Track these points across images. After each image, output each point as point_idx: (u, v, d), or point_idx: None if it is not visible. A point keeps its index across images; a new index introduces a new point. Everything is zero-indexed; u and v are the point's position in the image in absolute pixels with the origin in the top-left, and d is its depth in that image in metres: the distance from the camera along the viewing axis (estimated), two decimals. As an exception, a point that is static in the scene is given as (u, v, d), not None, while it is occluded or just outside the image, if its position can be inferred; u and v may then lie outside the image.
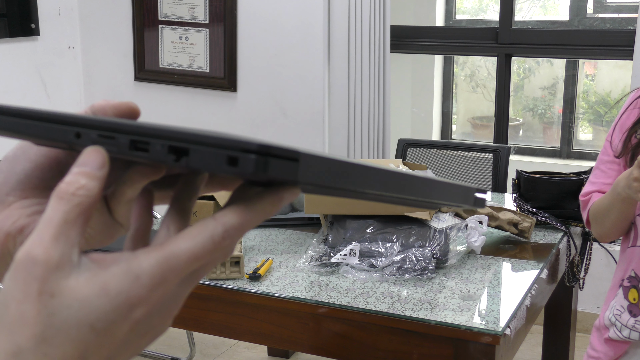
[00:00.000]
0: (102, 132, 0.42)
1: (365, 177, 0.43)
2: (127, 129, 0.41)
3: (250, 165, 0.37)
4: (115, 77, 4.10)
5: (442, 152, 3.36)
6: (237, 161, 0.37)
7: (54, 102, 4.05)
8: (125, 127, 0.42)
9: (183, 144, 0.39)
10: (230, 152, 0.38)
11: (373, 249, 1.95)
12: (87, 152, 0.42)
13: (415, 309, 1.72)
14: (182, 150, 0.39)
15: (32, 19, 3.85)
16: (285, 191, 0.42)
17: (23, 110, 0.46)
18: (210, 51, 3.77)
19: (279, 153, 0.38)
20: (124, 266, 0.40)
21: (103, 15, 4.07)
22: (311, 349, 1.92)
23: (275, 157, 0.38)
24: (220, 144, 0.38)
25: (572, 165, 4.34)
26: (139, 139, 0.40)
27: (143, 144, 0.40)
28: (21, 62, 3.86)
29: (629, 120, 1.74)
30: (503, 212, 2.23)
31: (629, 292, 1.74)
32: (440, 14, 4.64)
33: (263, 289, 1.85)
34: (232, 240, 0.42)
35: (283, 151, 0.38)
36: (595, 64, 4.61)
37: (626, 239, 1.79)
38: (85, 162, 0.42)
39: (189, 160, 0.39)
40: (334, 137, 3.56)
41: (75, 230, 0.40)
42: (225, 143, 0.38)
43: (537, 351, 3.01)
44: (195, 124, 3.93)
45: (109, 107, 0.49)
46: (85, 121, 0.43)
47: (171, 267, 0.41)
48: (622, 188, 1.62)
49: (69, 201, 0.40)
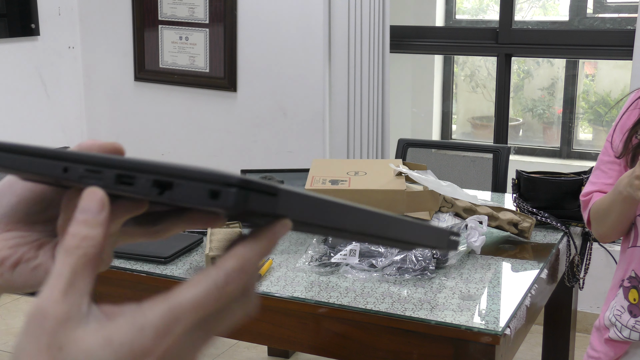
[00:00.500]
0: (89, 167, 0.43)
1: (343, 215, 0.44)
2: (113, 164, 0.43)
3: (231, 198, 0.39)
4: (115, 77, 4.10)
5: (442, 152, 3.36)
6: (219, 194, 0.39)
7: (54, 102, 4.05)
8: (111, 162, 0.43)
9: (167, 177, 0.40)
10: (212, 186, 0.39)
11: (373, 249, 1.95)
12: (86, 196, 0.43)
13: (415, 309, 1.72)
14: (166, 184, 0.40)
15: (32, 19, 3.85)
16: (276, 226, 0.43)
17: (11, 145, 0.47)
18: (210, 51, 3.77)
19: (258, 188, 0.39)
20: (129, 318, 0.41)
21: (103, 15, 4.07)
22: (311, 349, 1.92)
23: (255, 191, 0.39)
24: (203, 178, 0.39)
25: (572, 165, 4.34)
26: (124, 173, 0.42)
27: (128, 178, 0.42)
28: (21, 62, 3.86)
29: (629, 121, 1.74)
30: (503, 212, 2.23)
31: (629, 292, 1.74)
32: (440, 14, 4.64)
33: (263, 289, 1.85)
34: (235, 284, 0.43)
35: (262, 186, 0.39)
36: (595, 64, 4.61)
37: (626, 239, 1.79)
38: (85, 207, 0.43)
39: (172, 194, 0.40)
40: (334, 137, 3.56)
41: (84, 280, 0.41)
42: (207, 177, 0.39)
43: (537, 351, 3.01)
44: (195, 124, 3.93)
45: (96, 146, 0.51)
46: (73, 156, 0.44)
47: (175, 317, 0.41)
48: (623, 187, 1.62)
49: (74, 254, 0.42)
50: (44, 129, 4.01)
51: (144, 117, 4.08)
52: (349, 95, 3.48)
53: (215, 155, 3.91)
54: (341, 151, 3.53)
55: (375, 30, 3.46)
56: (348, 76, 3.46)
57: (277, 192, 0.40)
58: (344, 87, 3.48)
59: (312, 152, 3.63)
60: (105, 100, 4.17)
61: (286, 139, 3.72)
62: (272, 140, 3.75)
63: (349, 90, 3.48)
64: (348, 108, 3.49)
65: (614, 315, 1.77)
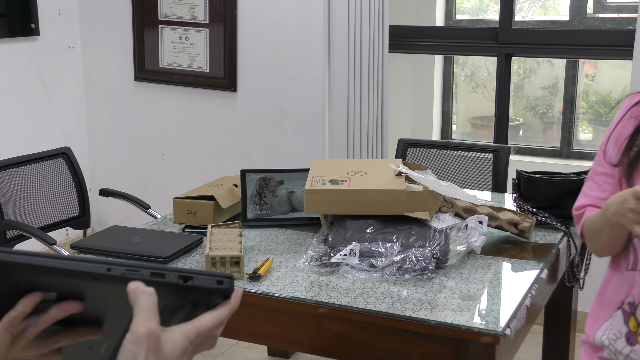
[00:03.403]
0: (130, 267, 0.72)
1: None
2: (146, 267, 0.73)
3: (230, 284, 0.76)
4: (115, 77, 4.10)
5: (442, 152, 3.36)
6: (223, 282, 0.75)
7: (54, 102, 4.05)
8: (144, 266, 0.73)
9: (189, 274, 0.74)
10: (219, 278, 0.75)
11: (373, 249, 1.94)
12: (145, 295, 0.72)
13: (415, 309, 1.72)
14: (187, 277, 0.74)
15: (32, 19, 3.85)
16: (233, 298, 0.78)
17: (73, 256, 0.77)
18: (210, 51, 3.77)
19: (233, 278, 0.77)
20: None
21: (103, 15, 4.07)
22: (311, 349, 1.92)
23: (232, 280, 0.76)
24: (213, 274, 0.75)
25: (572, 165, 4.34)
26: (156, 271, 0.73)
27: (159, 275, 0.73)
28: (21, 62, 3.86)
29: (625, 131, 1.66)
30: (503, 212, 2.23)
31: (630, 319, 1.63)
32: (440, 14, 4.64)
33: (263, 289, 1.85)
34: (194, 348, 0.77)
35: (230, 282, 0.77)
36: (596, 64, 4.61)
37: (624, 258, 1.68)
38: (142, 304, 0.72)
39: (194, 281, 0.73)
40: (334, 137, 3.56)
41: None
42: (215, 274, 0.75)
43: (537, 351, 3.01)
44: (195, 124, 3.93)
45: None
46: (114, 261, 0.73)
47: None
48: (611, 214, 1.54)
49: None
50: (44, 129, 4.01)
51: (144, 117, 4.07)
52: (349, 95, 3.48)
53: (215, 155, 3.91)
54: (341, 151, 3.53)
55: (375, 30, 3.46)
56: (348, 76, 3.46)
57: (227, 280, 0.76)
58: (344, 87, 3.47)
59: (312, 152, 3.63)
60: (105, 100, 4.17)
61: (286, 139, 3.72)
62: (272, 140, 3.75)
63: (349, 90, 3.48)
64: (348, 108, 3.49)
65: (608, 339, 1.67)
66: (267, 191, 2.35)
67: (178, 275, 0.71)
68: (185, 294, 0.75)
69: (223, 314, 0.76)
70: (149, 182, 4.13)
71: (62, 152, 3.03)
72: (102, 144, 4.24)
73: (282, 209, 2.35)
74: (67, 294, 0.74)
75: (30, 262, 0.69)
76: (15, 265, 0.69)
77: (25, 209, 2.86)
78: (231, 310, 0.77)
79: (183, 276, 0.72)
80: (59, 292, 0.74)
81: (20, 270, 0.70)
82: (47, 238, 2.63)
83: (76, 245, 2.11)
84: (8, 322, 0.73)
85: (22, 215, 2.82)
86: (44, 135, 3.99)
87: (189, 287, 0.72)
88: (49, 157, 2.99)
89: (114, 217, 4.25)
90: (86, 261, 0.69)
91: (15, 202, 2.82)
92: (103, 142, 4.24)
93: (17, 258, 0.69)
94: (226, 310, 0.76)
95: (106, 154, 4.24)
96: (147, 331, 0.68)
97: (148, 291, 0.70)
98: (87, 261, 0.69)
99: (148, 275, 0.70)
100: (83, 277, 0.70)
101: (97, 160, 4.28)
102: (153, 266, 0.70)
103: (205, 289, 0.74)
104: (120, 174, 4.21)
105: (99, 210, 4.31)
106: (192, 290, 0.74)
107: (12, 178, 2.84)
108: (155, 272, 0.70)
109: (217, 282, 0.73)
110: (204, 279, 0.73)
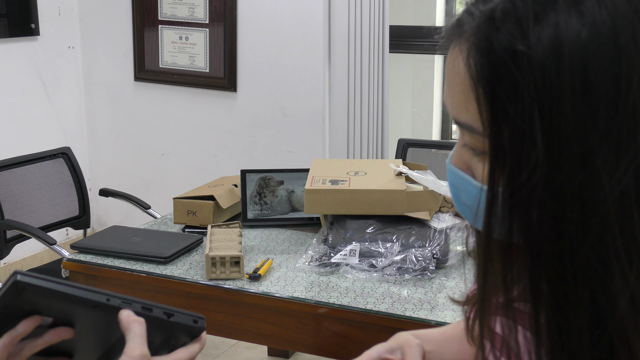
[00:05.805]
0: (125, 299, 0.78)
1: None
2: (137, 300, 0.80)
3: (203, 324, 0.83)
4: (115, 77, 4.10)
5: (442, 152, 3.36)
6: (198, 321, 0.83)
7: (54, 102, 4.05)
8: (136, 300, 0.80)
9: (171, 311, 0.81)
10: (195, 317, 0.83)
11: (373, 249, 1.94)
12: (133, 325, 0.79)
13: (415, 309, 1.72)
14: (171, 314, 0.81)
15: (32, 19, 3.85)
16: (202, 336, 0.85)
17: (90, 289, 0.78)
18: (210, 51, 3.77)
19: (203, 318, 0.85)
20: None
21: (103, 15, 4.07)
22: (311, 349, 1.92)
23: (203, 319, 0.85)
24: (189, 314, 0.82)
25: (572, 165, 4.33)
26: (147, 306, 0.80)
27: (148, 309, 0.80)
28: (21, 62, 3.86)
29: None
30: (503, 212, 2.22)
31: None
32: (440, 14, 4.64)
33: (263, 289, 1.85)
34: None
35: (203, 322, 0.85)
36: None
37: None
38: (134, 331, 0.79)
39: (175, 318, 0.81)
40: (334, 137, 3.56)
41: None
42: (191, 313, 0.83)
43: (537, 351, 3.01)
44: (195, 124, 3.93)
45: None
46: (111, 293, 0.79)
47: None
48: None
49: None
50: (44, 128, 4.01)
51: (143, 117, 4.07)
52: (349, 95, 3.48)
53: (215, 155, 3.91)
54: (341, 151, 3.53)
55: (375, 30, 3.46)
56: (348, 76, 3.46)
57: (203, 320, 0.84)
58: (344, 87, 3.47)
59: (312, 152, 3.63)
60: (105, 100, 4.17)
61: (286, 139, 3.72)
62: (272, 140, 3.75)
63: (349, 90, 3.48)
64: (348, 108, 3.49)
65: None
66: (267, 191, 2.35)
67: (163, 311, 0.80)
68: (164, 329, 0.81)
69: (195, 350, 0.83)
70: (149, 182, 4.13)
71: (62, 152, 3.03)
72: (102, 144, 4.24)
73: (282, 209, 2.36)
74: (62, 320, 0.79)
75: (47, 287, 0.74)
76: (33, 288, 0.73)
77: (25, 209, 2.86)
78: (201, 348, 0.84)
79: (167, 312, 0.80)
80: (57, 317, 0.79)
81: (34, 293, 0.74)
82: (47, 238, 2.63)
83: (76, 246, 2.11)
84: (8, 341, 0.78)
85: (22, 215, 2.83)
86: (44, 135, 3.99)
87: (170, 323, 0.80)
88: (49, 157, 2.99)
89: (114, 217, 4.25)
90: (91, 290, 0.76)
91: (15, 202, 2.82)
92: (103, 142, 4.24)
93: (36, 282, 0.74)
94: (197, 347, 0.84)
95: (106, 154, 4.25)
96: (141, 354, 0.76)
97: (140, 320, 0.77)
98: (91, 290, 0.77)
99: (139, 308, 0.78)
100: (86, 304, 0.76)
101: (97, 160, 4.28)
102: (143, 301, 0.79)
103: (183, 325, 0.81)
104: (120, 174, 4.21)
105: (99, 210, 4.31)
106: (172, 326, 0.81)
107: (12, 178, 2.84)
108: (145, 307, 0.79)
109: (193, 321, 0.82)
110: (183, 317, 0.81)
